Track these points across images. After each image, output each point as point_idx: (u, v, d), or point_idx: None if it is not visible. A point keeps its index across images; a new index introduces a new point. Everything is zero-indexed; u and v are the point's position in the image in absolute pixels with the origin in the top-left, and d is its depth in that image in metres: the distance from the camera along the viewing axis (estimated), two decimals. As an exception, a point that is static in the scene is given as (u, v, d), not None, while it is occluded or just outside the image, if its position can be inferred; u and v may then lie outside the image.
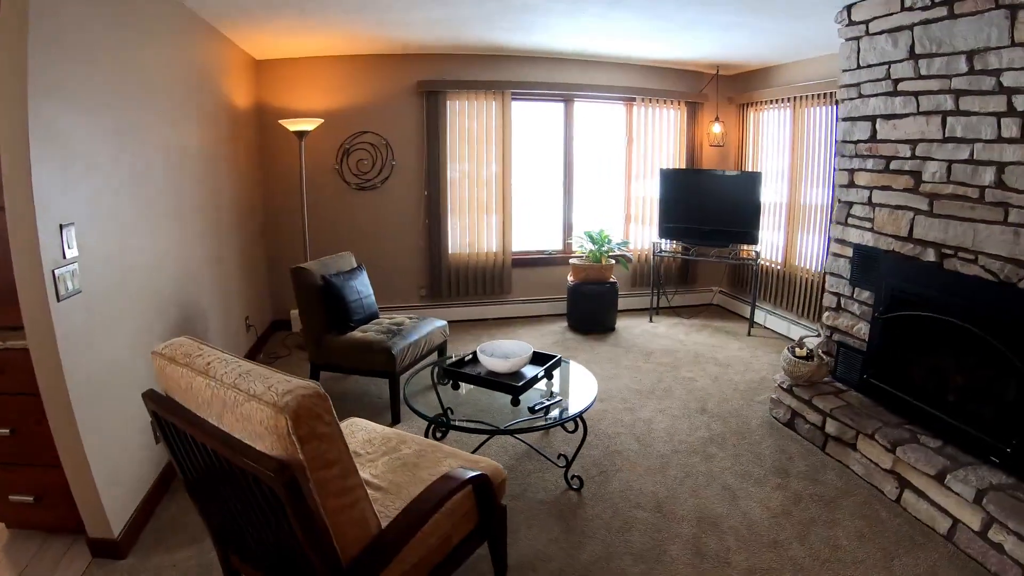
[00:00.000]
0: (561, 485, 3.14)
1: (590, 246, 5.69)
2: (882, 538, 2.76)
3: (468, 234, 5.75)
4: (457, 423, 2.93)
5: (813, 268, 5.22)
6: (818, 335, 4.16)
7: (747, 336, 5.63)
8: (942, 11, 2.97)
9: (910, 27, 3.16)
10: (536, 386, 3.22)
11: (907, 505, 2.96)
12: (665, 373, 4.69)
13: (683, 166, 6.13)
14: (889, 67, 3.35)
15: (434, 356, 4.33)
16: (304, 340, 4.07)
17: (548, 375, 3.33)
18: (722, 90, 6.16)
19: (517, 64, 5.57)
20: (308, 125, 4.78)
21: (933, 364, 3.32)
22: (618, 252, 5.77)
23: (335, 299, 3.90)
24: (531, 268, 6.07)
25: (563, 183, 6.11)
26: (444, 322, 4.33)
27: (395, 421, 3.72)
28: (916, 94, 3.21)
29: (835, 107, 4.82)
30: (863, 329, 3.68)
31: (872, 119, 3.53)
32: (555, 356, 3.42)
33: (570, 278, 5.72)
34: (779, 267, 5.64)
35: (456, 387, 3.28)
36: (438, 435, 3.23)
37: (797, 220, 5.40)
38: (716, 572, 2.51)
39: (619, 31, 4.52)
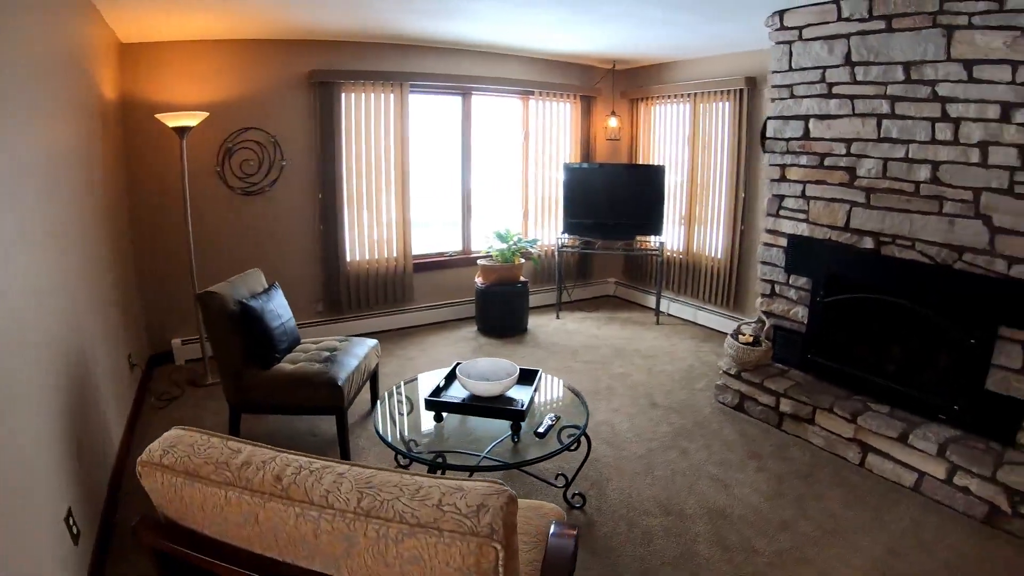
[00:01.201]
0: (562, 506, 3.17)
1: (500, 245, 5.92)
2: (865, 500, 3.37)
3: (367, 240, 5.67)
4: (478, 464, 2.82)
5: (716, 256, 5.93)
6: (743, 321, 4.79)
7: (656, 325, 6.26)
8: (880, 24, 3.65)
9: (847, 36, 3.83)
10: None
11: (872, 467, 3.63)
12: (598, 371, 5.08)
13: (578, 160, 6.61)
14: (824, 71, 4.00)
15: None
16: (221, 379, 3.67)
17: (536, 391, 3.41)
18: (616, 84, 6.74)
19: (415, 54, 5.61)
20: (191, 120, 4.36)
21: (873, 340, 4.05)
22: (530, 250, 6.06)
23: (256, 327, 3.55)
24: (433, 272, 6.15)
25: (462, 181, 6.27)
26: (375, 341, 4.25)
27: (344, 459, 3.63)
28: (852, 97, 3.88)
29: (735, 103, 5.58)
30: (800, 312, 4.35)
31: (805, 118, 4.18)
32: (537, 371, 3.55)
33: (479, 280, 5.90)
34: (681, 256, 6.32)
35: (439, 419, 3.24)
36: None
37: (697, 211, 6.09)
38: (749, 562, 2.87)
39: (534, 21, 4.75)
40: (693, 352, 5.52)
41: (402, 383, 3.64)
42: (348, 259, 5.60)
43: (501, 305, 5.87)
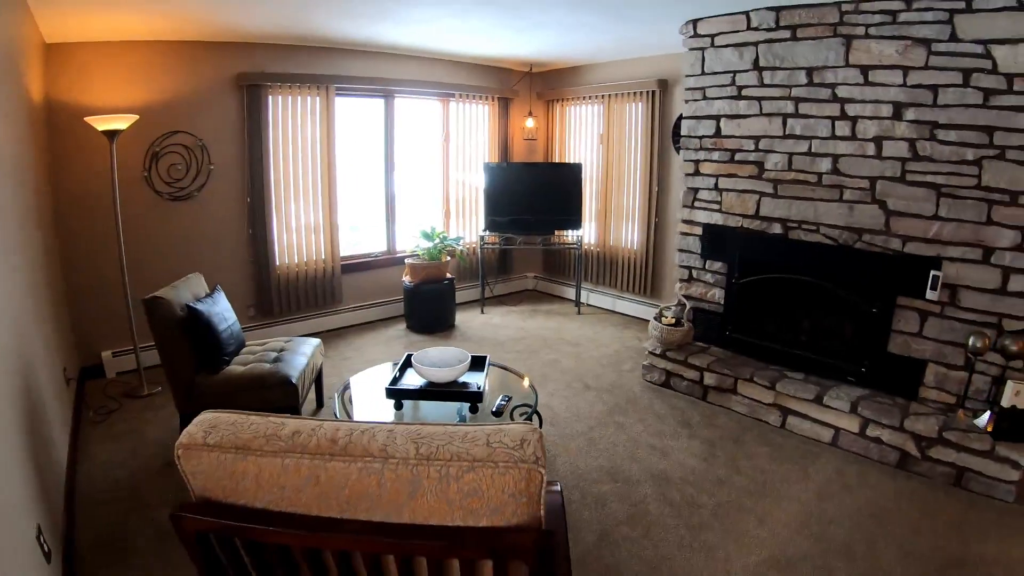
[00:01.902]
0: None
1: (426, 244, 5.95)
2: (790, 456, 3.70)
3: (295, 242, 5.54)
4: None
5: (632, 247, 6.24)
6: (664, 305, 5.08)
7: (578, 315, 6.50)
8: (786, 34, 4.01)
9: (755, 44, 4.17)
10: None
11: (792, 427, 3.98)
12: (529, 360, 5.23)
13: (497, 159, 6.73)
14: (735, 75, 4.34)
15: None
16: (170, 386, 3.50)
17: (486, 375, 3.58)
18: (533, 86, 6.93)
19: (340, 57, 5.55)
20: (121, 123, 4.11)
21: (785, 315, 4.42)
22: (456, 247, 6.13)
23: (204, 331, 3.44)
24: (361, 273, 6.09)
25: (385, 182, 6.24)
26: (319, 341, 4.20)
27: None
28: (760, 99, 4.24)
29: (647, 104, 5.90)
30: (717, 294, 4.68)
31: (717, 118, 4.51)
32: (485, 357, 3.69)
33: (407, 279, 5.91)
34: (598, 249, 6.59)
35: (399, 407, 3.31)
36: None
37: (613, 205, 6.38)
38: (695, 515, 3.12)
39: (461, 27, 4.83)
40: (616, 338, 5.78)
41: (350, 378, 3.69)
42: (278, 262, 5.46)
43: (430, 302, 5.91)
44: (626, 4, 4.03)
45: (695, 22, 4.46)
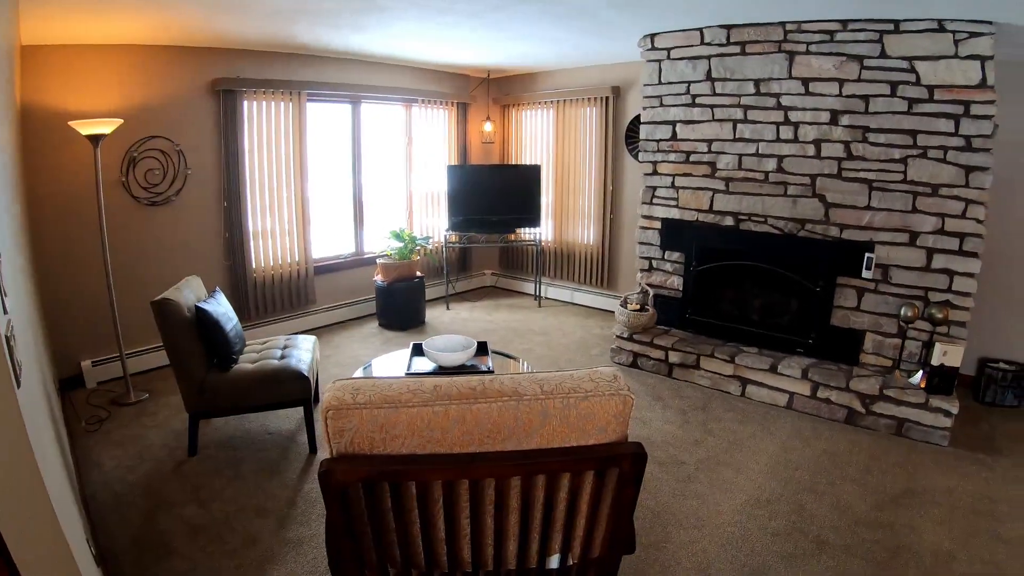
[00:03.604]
0: None
1: (397, 244, 6.03)
2: (753, 419, 4.06)
3: (270, 246, 5.48)
4: None
5: (588, 242, 6.52)
6: (626, 294, 5.38)
7: (539, 308, 6.72)
8: (735, 49, 4.36)
9: (708, 57, 4.51)
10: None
11: (751, 395, 4.34)
12: (504, 349, 5.36)
13: (456, 162, 6.86)
14: (689, 85, 4.66)
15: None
16: (180, 387, 3.43)
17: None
18: (491, 92, 7.10)
19: (312, 64, 5.53)
20: (106, 127, 3.95)
21: (739, 297, 4.79)
22: (426, 247, 6.23)
23: (214, 330, 3.40)
24: (332, 274, 6.08)
25: (353, 186, 6.25)
26: (315, 338, 4.19)
27: (313, 451, 3.56)
28: (712, 106, 4.58)
29: (601, 109, 6.18)
30: (676, 282, 5.01)
31: (673, 123, 4.82)
32: (485, 342, 3.88)
33: (379, 277, 5.96)
34: (554, 245, 6.83)
35: None
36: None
37: (570, 204, 6.64)
38: (682, 470, 3.43)
39: (450, 37, 4.96)
40: (580, 327, 6.04)
41: (361, 368, 3.80)
42: (254, 265, 5.39)
43: (401, 300, 5.97)
44: (592, 20, 4.25)
45: (653, 36, 4.75)
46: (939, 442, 3.63)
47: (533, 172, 6.55)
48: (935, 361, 3.59)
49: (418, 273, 6.10)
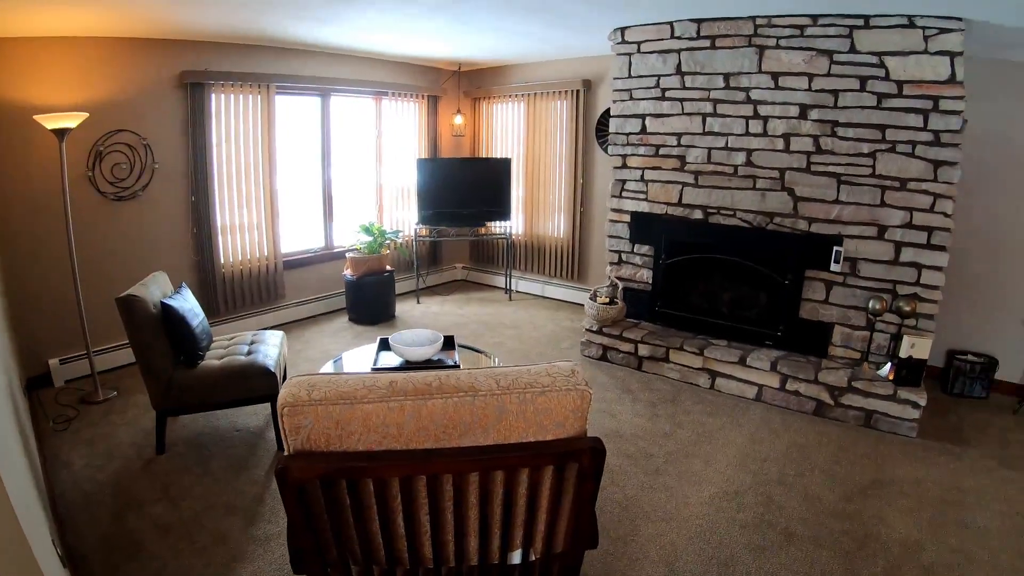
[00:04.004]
0: None
1: (367, 238, 5.86)
2: (722, 411, 4.01)
3: (239, 240, 5.29)
4: None
5: (558, 235, 6.42)
6: (596, 288, 5.29)
7: (510, 301, 6.61)
8: (705, 43, 4.29)
9: (678, 51, 4.43)
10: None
11: (720, 388, 4.29)
12: (474, 342, 5.23)
13: (426, 155, 6.71)
14: (659, 79, 4.59)
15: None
16: (147, 384, 3.29)
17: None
18: (461, 85, 6.95)
19: (280, 56, 5.34)
20: (71, 121, 3.75)
21: (708, 290, 4.74)
22: (397, 240, 6.07)
23: (180, 327, 3.28)
24: (301, 269, 5.89)
25: (322, 179, 6.06)
26: (283, 333, 4.05)
27: (281, 448, 3.47)
28: (682, 100, 4.51)
29: (572, 102, 6.08)
30: (645, 274, 4.94)
31: (642, 116, 4.74)
32: (452, 336, 3.76)
33: (349, 272, 5.79)
34: (524, 238, 6.73)
35: None
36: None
37: (540, 197, 6.54)
38: (651, 463, 3.37)
39: (417, 29, 4.80)
40: (551, 320, 5.95)
41: (332, 362, 3.68)
42: (222, 260, 5.20)
43: (371, 294, 5.82)
44: (558, 14, 4.16)
45: (623, 30, 4.66)
46: (907, 433, 3.62)
47: (503, 165, 6.43)
48: (903, 353, 3.58)
49: (388, 267, 5.95)
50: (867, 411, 3.72)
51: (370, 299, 5.82)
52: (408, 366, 3.38)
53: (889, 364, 3.72)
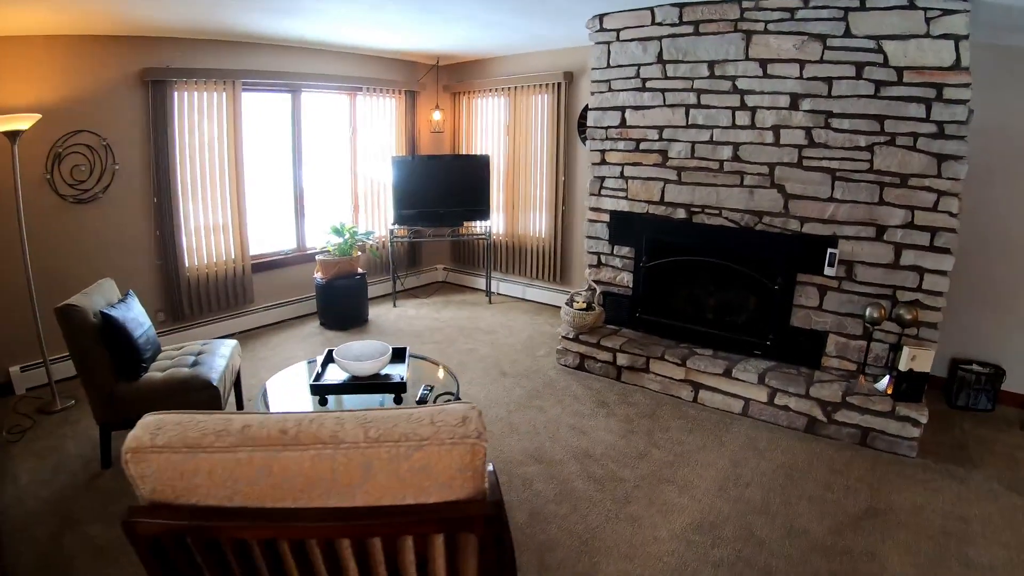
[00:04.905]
0: None
1: (337, 240, 5.45)
2: (704, 427, 3.58)
3: (204, 243, 4.91)
4: None
5: (540, 235, 5.99)
6: (574, 291, 4.86)
7: (490, 304, 6.17)
8: (688, 29, 3.85)
9: (659, 38, 3.99)
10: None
11: (704, 401, 3.86)
12: (446, 350, 4.87)
13: (404, 153, 6.27)
14: (639, 68, 4.15)
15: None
16: (88, 397, 3.07)
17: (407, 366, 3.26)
18: (440, 79, 6.50)
19: (246, 51, 4.94)
20: (23, 123, 3.46)
21: (692, 295, 4.31)
22: (367, 242, 5.64)
23: (121, 338, 3.04)
24: (271, 272, 5.49)
25: (293, 178, 5.63)
26: (236, 342, 3.73)
27: None
28: (663, 91, 4.07)
29: (553, 95, 5.64)
30: (626, 278, 4.50)
31: (622, 109, 4.30)
32: (405, 348, 3.34)
33: (318, 275, 5.38)
34: (506, 239, 6.29)
35: (324, 402, 2.94)
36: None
37: (521, 195, 6.09)
38: (620, 487, 2.96)
39: (377, 20, 4.38)
40: (529, 324, 5.52)
41: (272, 377, 3.29)
42: (187, 264, 4.83)
43: (342, 298, 5.41)
44: (532, 1, 3.77)
45: (601, 17, 4.22)
46: (907, 453, 3.19)
47: (482, 162, 5.99)
48: (903, 366, 3.15)
49: (360, 270, 5.53)
50: (863, 428, 3.29)
51: (341, 303, 5.41)
52: (354, 382, 2.96)
53: (887, 377, 3.29)
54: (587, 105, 5.14)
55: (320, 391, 2.91)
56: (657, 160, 4.17)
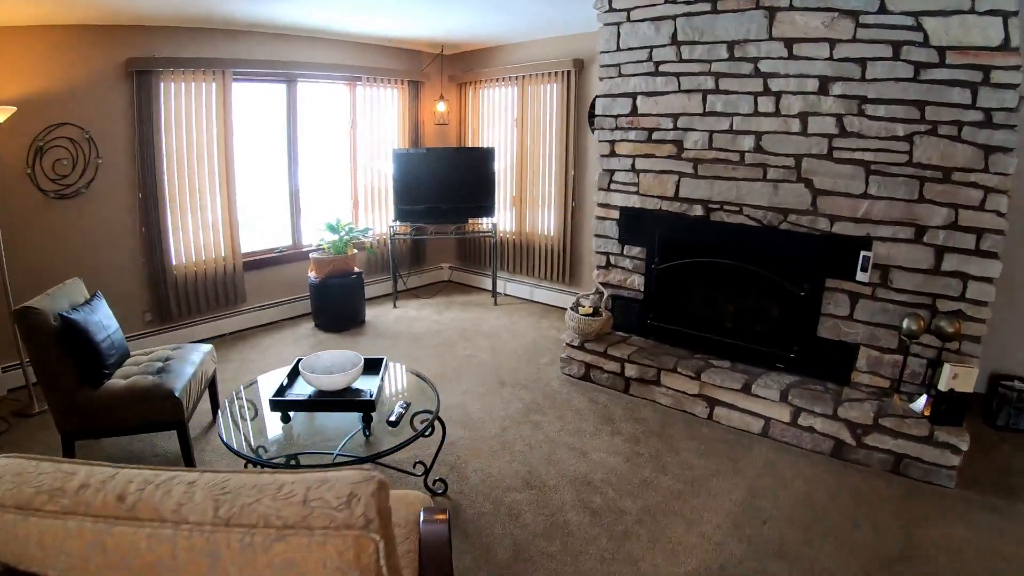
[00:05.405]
0: (425, 494, 2.87)
1: (331, 237, 5.27)
2: (719, 449, 3.31)
3: (193, 240, 4.78)
4: (333, 463, 2.43)
5: (549, 233, 5.74)
6: (581, 294, 4.61)
7: (495, 306, 5.95)
8: (705, 6, 3.58)
9: (673, 17, 3.73)
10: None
11: (720, 418, 3.59)
12: (445, 355, 4.67)
13: (407, 145, 6.07)
14: (651, 51, 3.88)
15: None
16: (49, 404, 2.94)
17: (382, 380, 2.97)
18: (445, 69, 6.30)
19: (237, 39, 4.80)
20: None
21: (709, 301, 4.04)
22: (363, 239, 5.46)
23: (82, 342, 2.93)
24: (265, 270, 5.35)
25: (288, 172, 5.48)
26: (210, 346, 3.59)
27: None
28: (678, 75, 3.80)
29: (563, 84, 5.39)
30: (636, 281, 4.24)
31: (633, 95, 4.04)
32: (382, 359, 3.09)
33: (312, 274, 5.21)
34: (513, 237, 6.05)
35: (287, 419, 2.72)
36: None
37: (528, 191, 5.85)
38: (620, 521, 2.69)
39: (387, 4, 4.20)
40: (534, 328, 5.29)
41: (242, 387, 3.06)
42: (174, 262, 4.72)
43: (337, 298, 5.24)
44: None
45: (610, -5, 3.96)
46: (944, 483, 2.89)
47: (485, 156, 5.77)
48: (943, 385, 2.85)
49: (356, 268, 5.35)
50: (896, 454, 2.99)
51: (335, 304, 5.25)
52: (320, 397, 2.75)
53: (925, 397, 2.99)
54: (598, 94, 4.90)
55: (280, 407, 2.69)
56: (671, 151, 3.91)
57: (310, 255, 5.28)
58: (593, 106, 5.15)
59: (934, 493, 2.87)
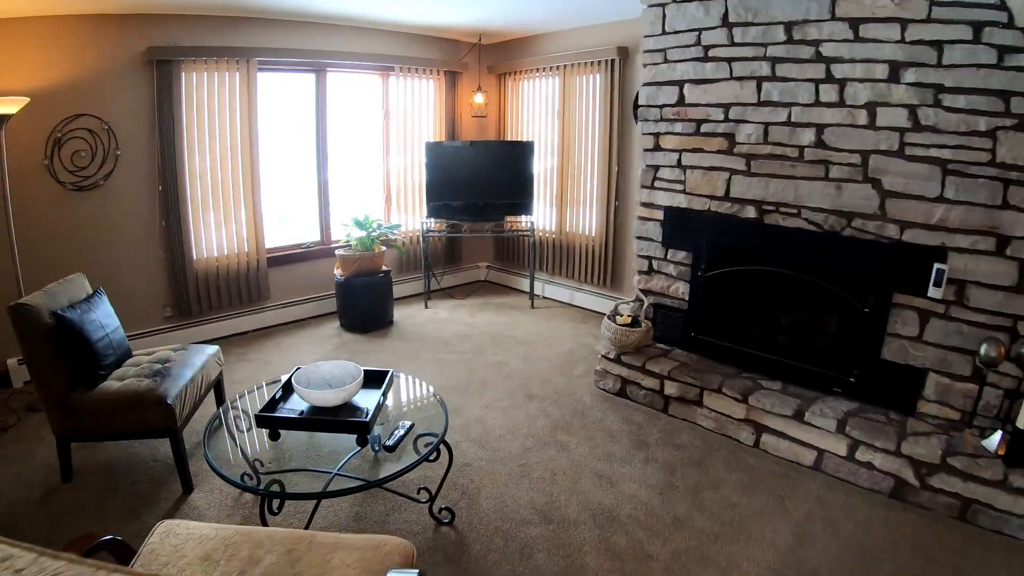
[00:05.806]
0: (429, 523, 2.74)
1: (359, 233, 5.27)
2: (764, 484, 3.09)
3: (215, 234, 4.87)
4: (326, 488, 2.31)
5: (590, 234, 5.58)
6: (621, 301, 4.44)
7: (532, 309, 5.85)
8: (760, -17, 3.34)
9: (725, -4, 3.50)
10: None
11: (767, 447, 3.37)
12: (473, 362, 4.58)
13: (444, 138, 6.02)
14: (700, 34, 3.68)
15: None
16: (40, 402, 3.01)
17: (384, 396, 2.84)
18: (483, 59, 6.24)
19: (263, 28, 4.86)
20: (10, 107, 3.51)
21: (760, 314, 3.81)
22: (391, 236, 5.43)
23: (76, 342, 2.95)
24: (289, 266, 5.41)
25: (317, 165, 5.52)
26: (216, 348, 3.60)
27: (187, 490, 2.99)
28: (729, 60, 3.59)
29: (606, 74, 5.22)
30: (681, 288, 4.04)
31: (680, 84, 3.85)
32: (387, 372, 2.98)
33: (338, 272, 5.22)
34: (554, 236, 5.92)
35: (275, 436, 2.63)
36: (275, 510, 2.48)
37: (569, 188, 5.71)
38: (643, 569, 2.49)
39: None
40: (571, 335, 5.15)
41: (237, 396, 3.02)
42: (195, 256, 4.80)
43: (363, 297, 5.23)
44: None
45: (655, -26, 3.78)
46: (1016, 534, 2.61)
47: (524, 150, 5.66)
48: (1021, 422, 2.57)
49: (384, 266, 5.33)
50: (963, 499, 2.72)
51: (361, 303, 5.26)
52: (314, 415, 2.68)
53: (1000, 434, 2.71)
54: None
55: (267, 424, 2.61)
56: (722, 145, 3.71)
57: (336, 252, 5.30)
58: (638, 98, 4.96)
59: (1003, 546, 2.60)
